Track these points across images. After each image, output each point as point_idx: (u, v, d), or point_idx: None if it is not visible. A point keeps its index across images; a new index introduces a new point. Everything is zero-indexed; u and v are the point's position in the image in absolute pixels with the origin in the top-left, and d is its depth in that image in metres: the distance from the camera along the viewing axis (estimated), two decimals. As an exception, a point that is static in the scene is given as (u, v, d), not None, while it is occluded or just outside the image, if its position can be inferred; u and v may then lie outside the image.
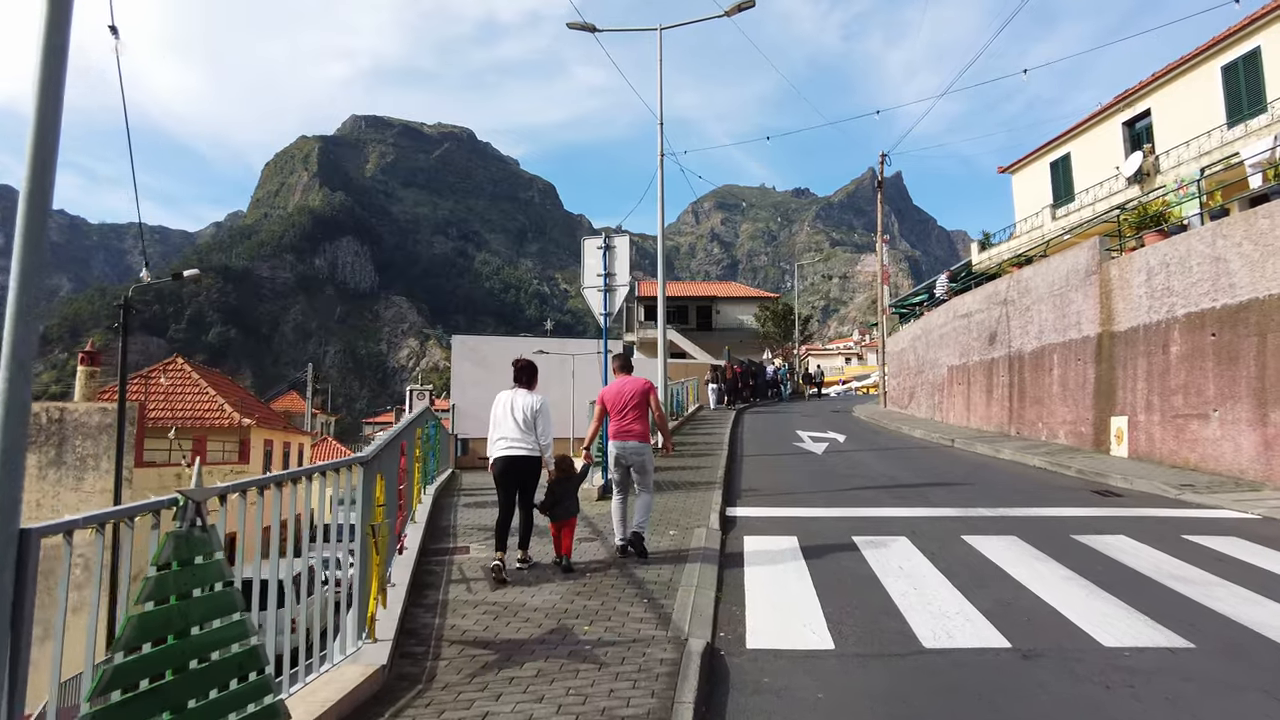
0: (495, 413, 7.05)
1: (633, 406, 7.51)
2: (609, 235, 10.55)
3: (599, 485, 10.15)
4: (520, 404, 6.97)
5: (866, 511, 9.68)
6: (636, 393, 7.57)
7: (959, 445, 17.30)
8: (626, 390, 7.59)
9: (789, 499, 10.71)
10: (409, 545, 7.08)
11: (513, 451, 6.83)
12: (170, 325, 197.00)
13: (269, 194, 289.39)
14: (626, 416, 7.48)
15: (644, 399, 7.57)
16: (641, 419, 7.52)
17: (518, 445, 6.83)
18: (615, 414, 7.56)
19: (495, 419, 7.02)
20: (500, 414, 6.99)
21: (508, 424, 6.91)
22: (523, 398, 7.03)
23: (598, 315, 10.61)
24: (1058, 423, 16.28)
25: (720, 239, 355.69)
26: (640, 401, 7.54)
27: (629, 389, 7.59)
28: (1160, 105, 22.70)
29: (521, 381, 7.21)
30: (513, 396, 7.06)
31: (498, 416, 7.01)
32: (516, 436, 6.85)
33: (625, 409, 7.51)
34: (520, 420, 6.88)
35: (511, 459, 6.83)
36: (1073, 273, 15.99)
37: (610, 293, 10.48)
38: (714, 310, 54.49)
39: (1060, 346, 16.34)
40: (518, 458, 6.83)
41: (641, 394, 7.59)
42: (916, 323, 26.69)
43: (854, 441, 18.64)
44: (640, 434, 7.48)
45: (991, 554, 7.37)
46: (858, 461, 15.04)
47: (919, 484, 12.01)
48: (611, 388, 7.79)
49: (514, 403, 6.99)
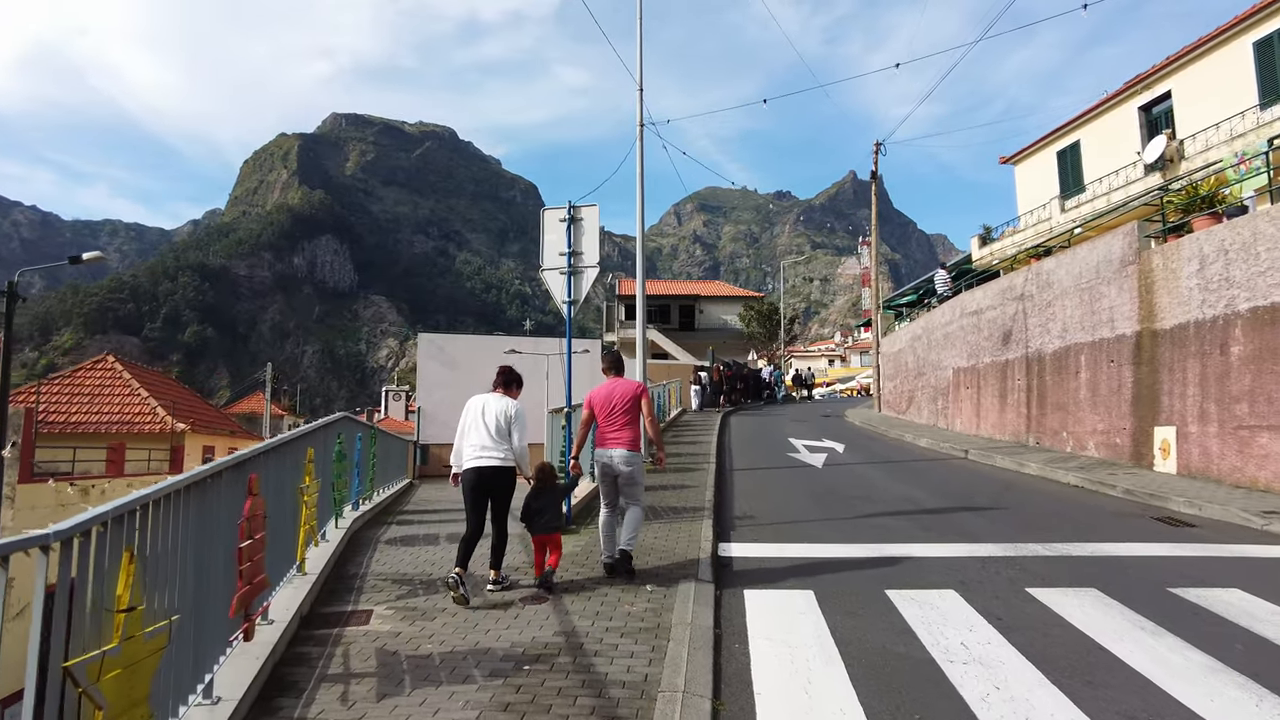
0: (465, 419, 6.42)
1: (622, 411, 6.80)
2: (574, 207, 8.55)
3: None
4: (494, 409, 6.37)
5: (892, 549, 7.75)
6: (627, 396, 6.85)
7: (974, 457, 15.44)
8: (616, 393, 6.87)
9: (794, 530, 8.75)
10: (280, 615, 5.06)
11: (483, 461, 6.20)
12: (145, 324, 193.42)
13: (248, 192, 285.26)
14: (615, 422, 6.80)
15: (635, 404, 6.86)
16: (632, 425, 6.83)
17: (488, 455, 6.21)
18: (603, 419, 6.87)
19: (464, 426, 6.39)
20: (470, 420, 6.38)
21: (478, 431, 6.29)
22: (496, 402, 6.45)
23: (559, 302, 8.59)
24: (1086, 432, 14.45)
25: (702, 241, 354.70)
26: (631, 406, 6.84)
27: (619, 392, 6.88)
28: (1183, 87, 20.99)
29: (499, 385, 6.65)
30: (485, 401, 6.47)
31: (467, 423, 6.38)
32: (488, 444, 6.23)
33: (614, 414, 6.81)
34: (492, 427, 6.27)
35: (481, 470, 6.21)
36: (1104, 263, 14.17)
37: (576, 275, 8.47)
38: (697, 310, 52.59)
39: (1089, 346, 14.52)
40: (488, 468, 6.21)
41: (633, 398, 6.86)
42: (916, 321, 24.86)
43: (855, 452, 16.74)
44: (630, 442, 6.76)
45: (1079, 620, 5.47)
46: (864, 478, 13.14)
47: (944, 508, 10.09)
48: (600, 390, 7.03)
49: (486, 407, 6.40)
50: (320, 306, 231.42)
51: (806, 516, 9.57)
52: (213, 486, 3.90)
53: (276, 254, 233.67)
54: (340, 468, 8.09)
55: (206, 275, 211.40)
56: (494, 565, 6.42)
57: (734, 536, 8.38)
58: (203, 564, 3.73)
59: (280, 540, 5.48)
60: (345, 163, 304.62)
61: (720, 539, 8.12)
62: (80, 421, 20.63)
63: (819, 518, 9.48)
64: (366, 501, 10.85)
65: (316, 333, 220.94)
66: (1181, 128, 20.75)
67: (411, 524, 9.89)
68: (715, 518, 9.00)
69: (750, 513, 9.79)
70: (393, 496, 13.84)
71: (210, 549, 3.86)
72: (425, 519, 10.54)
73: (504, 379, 6.70)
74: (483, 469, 6.22)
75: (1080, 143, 25.07)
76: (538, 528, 6.51)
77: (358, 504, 9.69)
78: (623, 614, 5.54)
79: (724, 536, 8.29)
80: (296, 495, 5.92)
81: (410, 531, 9.18)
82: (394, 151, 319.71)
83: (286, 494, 5.68)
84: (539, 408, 27.87)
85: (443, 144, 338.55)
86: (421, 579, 6.59)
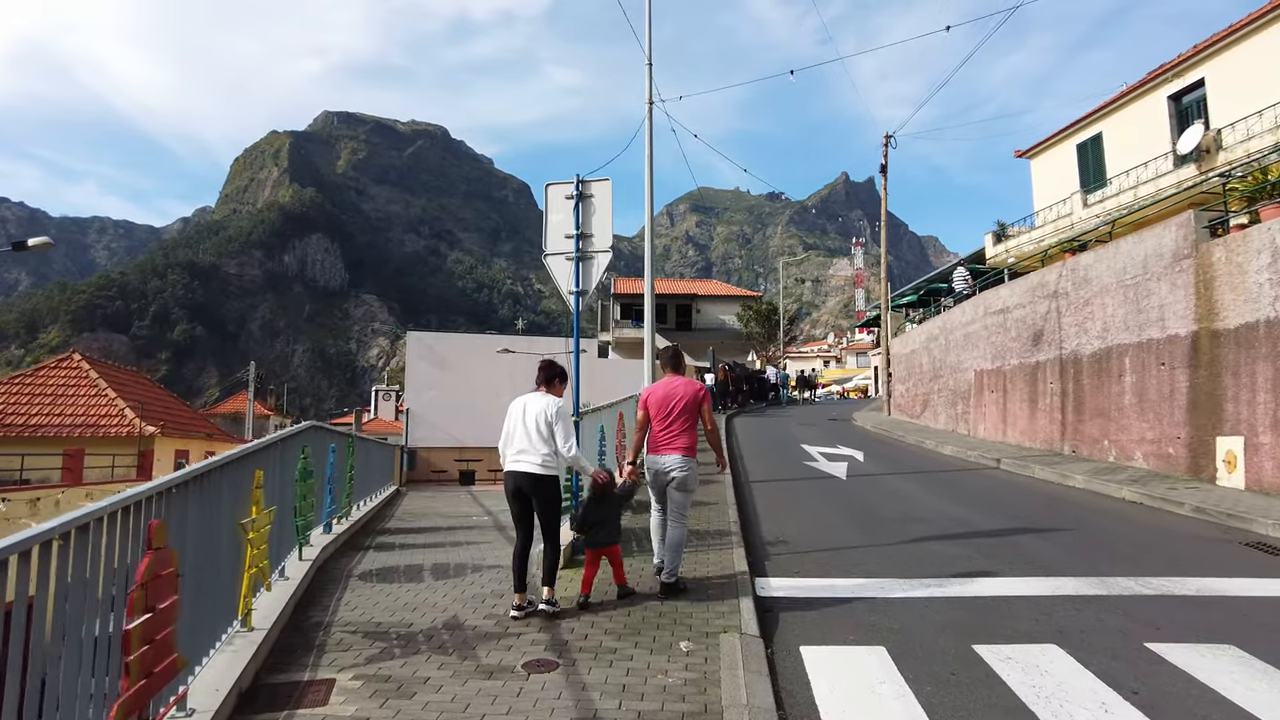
0: (507, 422, 5.94)
1: (680, 414, 6.22)
2: (583, 182, 7.31)
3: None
4: (534, 409, 5.84)
5: (961, 585, 6.54)
6: (688, 398, 6.25)
7: (1007, 467, 14.27)
8: (676, 393, 6.27)
9: (838, 560, 7.53)
10: (207, 698, 3.79)
11: (520, 465, 5.73)
12: (134, 322, 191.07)
13: (238, 189, 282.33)
14: (673, 426, 6.22)
15: (695, 406, 6.27)
16: (690, 431, 6.26)
17: (524, 459, 5.72)
18: (658, 421, 6.28)
19: (507, 429, 5.91)
20: (512, 423, 5.90)
21: (518, 433, 5.80)
22: (537, 401, 5.90)
23: (565, 293, 7.34)
24: (1132, 441, 13.28)
25: (695, 241, 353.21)
26: (691, 408, 6.24)
27: (679, 392, 6.28)
28: (1218, 74, 19.83)
29: (540, 383, 6.07)
30: (525, 402, 5.96)
31: (510, 426, 5.91)
32: (525, 448, 5.74)
33: (672, 416, 6.21)
34: (532, 429, 5.76)
35: (516, 475, 5.74)
36: (1153, 257, 13.01)
37: (585, 261, 7.22)
38: (694, 309, 51.32)
39: (1135, 348, 13.35)
40: (522, 474, 5.71)
41: (694, 399, 6.27)
42: (932, 321, 23.68)
43: (877, 461, 15.54)
44: (686, 448, 6.21)
45: (1239, 696, 4.27)
46: (897, 492, 11.92)
47: (1000, 530, 8.89)
48: (658, 388, 6.41)
49: (526, 408, 5.89)
50: (311, 305, 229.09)
51: (847, 541, 8.34)
52: (83, 545, 2.65)
53: (267, 252, 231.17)
54: (305, 488, 6.82)
55: (196, 273, 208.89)
56: (546, 582, 5.77)
57: (770, 567, 7.14)
58: (65, 659, 2.48)
59: (210, 594, 4.21)
60: (337, 161, 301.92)
61: (756, 570, 6.89)
62: (40, 424, 19.24)
63: (861, 543, 8.26)
64: (343, 520, 9.59)
65: (307, 332, 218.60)
66: (1216, 117, 19.60)
67: (392, 549, 8.59)
68: (745, 543, 7.77)
69: (782, 536, 8.56)
70: (374, 510, 12.58)
71: (74, 637, 2.61)
72: (409, 541, 9.27)
73: (544, 375, 6.08)
74: (517, 474, 5.71)
75: (1103, 135, 23.90)
76: (594, 540, 5.99)
77: (330, 526, 8.42)
78: (656, 688, 4.29)
79: (759, 568, 7.06)
80: (239, 532, 4.65)
81: (390, 560, 7.89)
82: (386, 150, 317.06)
83: (222, 534, 4.40)
84: (534, 410, 26.54)
85: (435, 143, 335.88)
86: (399, 632, 5.32)
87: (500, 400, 18.12)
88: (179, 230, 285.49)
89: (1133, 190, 21.19)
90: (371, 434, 58.61)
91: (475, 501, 15.64)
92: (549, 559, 5.80)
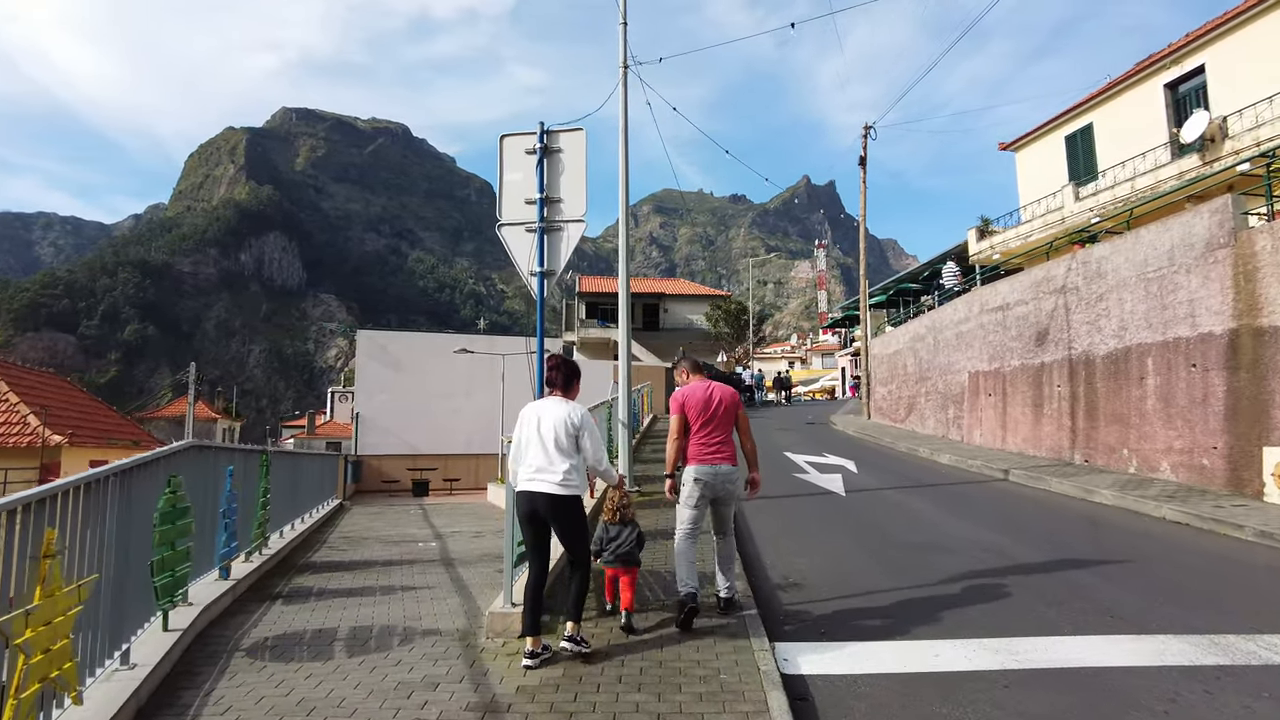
0: (520, 433, 5.00)
1: (722, 421, 5.70)
2: (549, 132, 5.71)
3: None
4: (551, 418, 4.91)
5: (1044, 653, 5.05)
6: (728, 402, 5.75)
7: (1019, 479, 12.92)
8: (716, 397, 5.72)
9: (870, 612, 6.00)
10: None
11: (535, 485, 4.79)
12: (81, 321, 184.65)
13: (192, 186, 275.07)
14: (716, 433, 5.66)
15: (734, 412, 5.79)
16: (731, 439, 5.75)
17: (541, 478, 4.79)
18: (703, 426, 5.68)
19: (520, 442, 4.97)
20: (526, 434, 4.95)
21: (533, 448, 4.88)
22: (554, 409, 4.96)
23: (526, 273, 5.71)
24: (1157, 450, 11.99)
25: (659, 242, 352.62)
26: (731, 414, 5.75)
27: (717, 396, 5.73)
28: (1219, 60, 18.78)
29: (556, 386, 5.13)
30: (539, 410, 5.00)
31: (522, 439, 4.97)
32: (543, 465, 4.82)
33: (714, 423, 5.67)
34: (550, 442, 4.84)
35: (533, 496, 4.79)
36: (1181, 248, 11.73)
37: (551, 233, 5.62)
38: (661, 308, 49.82)
39: (1159, 347, 12.07)
40: (543, 495, 4.77)
41: (734, 404, 5.80)
42: (918, 320, 22.39)
43: (871, 471, 14.12)
44: (733, 456, 5.70)
45: None
46: (908, 510, 10.47)
47: (1046, 564, 7.44)
48: (695, 392, 5.76)
49: (542, 418, 4.94)
50: (268, 305, 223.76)
51: (871, 582, 6.82)
52: None
53: (222, 250, 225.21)
54: (175, 532, 5.10)
55: (148, 272, 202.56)
56: (572, 616, 4.82)
57: (790, 630, 5.58)
58: None
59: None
60: (295, 158, 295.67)
61: (775, 632, 5.34)
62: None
63: (889, 584, 6.74)
64: (254, 556, 7.87)
65: (263, 332, 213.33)
66: (1217, 106, 18.55)
67: (307, 599, 6.82)
68: (752, 590, 6.23)
69: (792, 576, 7.02)
70: (305, 533, 10.85)
71: None
72: (331, 584, 7.51)
73: (561, 376, 5.13)
74: (534, 495, 4.80)
75: (1093, 125, 22.84)
76: (607, 559, 5.40)
77: (227, 571, 6.65)
78: None
79: (777, 629, 5.51)
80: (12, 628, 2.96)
81: (297, 620, 6.09)
82: (345, 147, 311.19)
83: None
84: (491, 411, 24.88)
85: (396, 141, 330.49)
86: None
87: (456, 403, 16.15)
88: (130, 227, 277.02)
89: (1129, 182, 20.10)
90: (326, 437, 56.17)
91: (425, 520, 13.92)
92: (578, 589, 4.84)
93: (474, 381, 24.50)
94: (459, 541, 10.69)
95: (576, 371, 5.24)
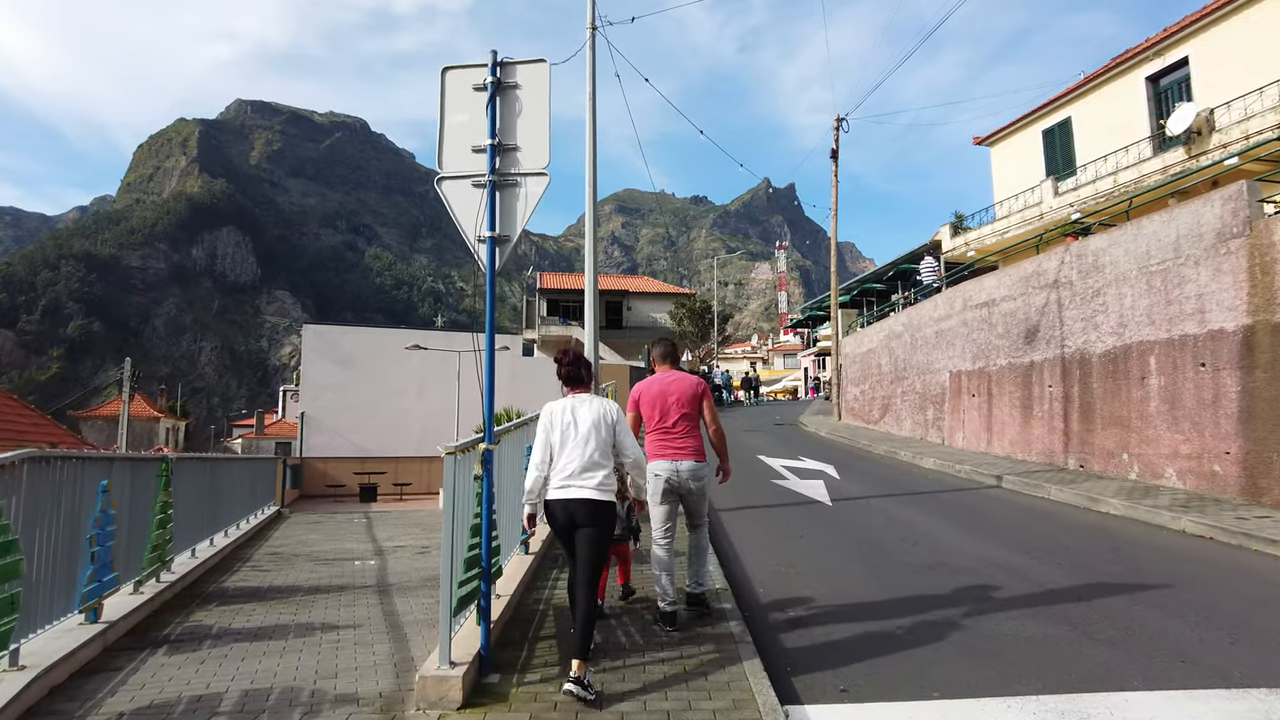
0: (551, 436, 4.39)
1: (682, 415, 5.23)
2: (504, 65, 4.57)
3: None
4: (590, 414, 4.41)
5: (1113, 713, 4.05)
6: (686, 395, 5.26)
7: (1013, 485, 12.03)
8: (672, 390, 5.27)
9: (892, 657, 4.94)
10: None
11: (575, 492, 4.24)
12: (21, 316, 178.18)
13: (142, 178, 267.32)
14: (676, 427, 5.23)
15: (697, 403, 5.30)
16: (694, 431, 5.28)
17: (583, 482, 4.25)
18: (656, 422, 5.26)
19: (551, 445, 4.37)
20: (562, 434, 4.36)
21: (571, 449, 4.33)
22: (592, 405, 4.47)
23: (472, 240, 4.54)
24: (1161, 455, 11.17)
25: (621, 242, 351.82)
26: (692, 407, 5.27)
27: (675, 389, 5.26)
28: (1204, 52, 18.19)
29: (576, 384, 4.58)
30: (574, 406, 4.46)
31: (557, 439, 4.36)
32: (584, 468, 4.28)
33: (672, 417, 5.22)
34: (594, 443, 4.33)
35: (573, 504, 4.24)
36: (1189, 238, 10.92)
37: (505, 189, 4.50)
38: (625, 306, 48.69)
39: (1164, 345, 11.26)
40: (584, 501, 4.23)
41: (693, 397, 5.28)
42: (894, 317, 21.55)
43: (854, 477, 13.16)
44: (696, 450, 5.25)
45: None
46: (904, 523, 9.46)
47: (1077, 588, 6.46)
48: (650, 386, 5.36)
49: (578, 415, 4.41)
50: (220, 301, 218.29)
51: (883, 613, 5.78)
52: None
53: (173, 244, 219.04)
54: None
55: (94, 265, 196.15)
56: (579, 652, 4.07)
57: (801, 682, 4.50)
58: None
59: None
60: (250, 151, 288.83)
61: (782, 689, 4.25)
62: None
63: (905, 615, 5.70)
64: (154, 581, 6.61)
65: (215, 328, 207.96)
66: (1201, 99, 17.95)
67: (200, 643, 5.46)
68: (747, 625, 5.16)
69: (793, 609, 5.95)
70: (227, 549, 9.56)
71: None
72: (235, 623, 6.17)
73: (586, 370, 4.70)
74: (572, 502, 4.28)
75: (1072, 120, 22.22)
76: None
77: (95, 614, 5.29)
78: None
79: (783, 681, 4.42)
80: None
81: (176, 679, 4.68)
82: (302, 141, 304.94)
83: None
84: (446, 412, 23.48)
85: (353, 135, 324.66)
86: None
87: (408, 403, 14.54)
88: (76, 219, 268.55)
89: (1111, 176, 19.46)
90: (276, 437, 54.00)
91: (368, 532, 12.64)
92: (587, 612, 4.15)
93: (428, 381, 23.14)
94: (401, 559, 9.46)
95: (587, 364, 4.76)
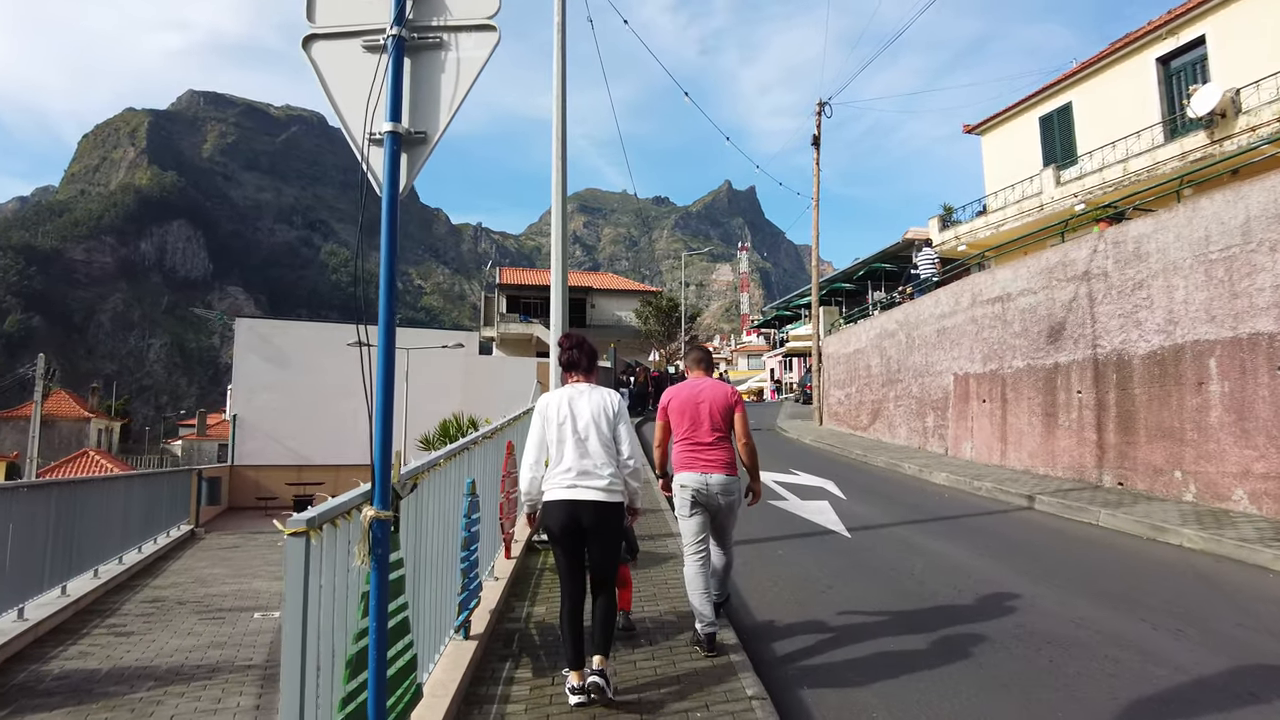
0: (546, 431, 3.95)
1: (714, 425, 4.70)
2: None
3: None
4: (590, 406, 3.93)
5: None
6: (719, 404, 4.74)
7: (1047, 508, 10.32)
8: (705, 397, 4.78)
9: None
10: None
11: (579, 493, 3.77)
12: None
13: (87, 169, 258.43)
14: (706, 437, 4.71)
15: (729, 414, 4.76)
16: (725, 442, 4.74)
17: (588, 482, 3.79)
18: (686, 432, 4.75)
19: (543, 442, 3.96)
20: (561, 429, 3.90)
21: (570, 445, 3.86)
22: (592, 397, 3.97)
23: (361, 138, 2.49)
24: (1226, 474, 9.53)
25: (583, 242, 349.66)
26: (724, 417, 4.74)
27: (707, 396, 4.77)
28: (1223, 29, 16.75)
29: (579, 372, 4.09)
30: (571, 397, 3.97)
31: (553, 436, 3.92)
32: (587, 467, 3.82)
33: (702, 426, 4.72)
34: (595, 437, 3.87)
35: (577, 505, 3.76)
36: (1263, 219, 9.30)
37: (421, 52, 2.57)
38: (589, 304, 46.72)
39: (1227, 345, 9.62)
40: (590, 503, 3.77)
41: (726, 407, 4.76)
42: (887, 314, 19.85)
43: (861, 496, 11.36)
44: (729, 464, 4.73)
45: None
46: (949, 563, 7.63)
47: (1226, 674, 4.69)
48: (679, 394, 4.86)
49: (576, 408, 3.92)
50: (170, 296, 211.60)
51: (966, 710, 3.93)
52: None
53: (120, 238, 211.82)
54: None
55: (34, 258, 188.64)
56: (600, 649, 3.69)
57: None
58: None
59: None
60: (202, 144, 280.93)
61: None
62: None
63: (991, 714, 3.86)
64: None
65: (165, 325, 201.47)
66: (1218, 80, 16.52)
67: None
68: None
69: (844, 705, 4.08)
70: (94, 595, 7.46)
71: None
72: None
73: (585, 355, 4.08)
74: (576, 504, 3.72)
75: (1072, 105, 20.75)
76: None
77: None
78: None
79: None
80: None
81: None
82: (257, 134, 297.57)
83: None
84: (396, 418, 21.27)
85: (310, 129, 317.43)
86: None
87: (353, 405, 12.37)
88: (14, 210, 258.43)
89: (1121, 164, 17.96)
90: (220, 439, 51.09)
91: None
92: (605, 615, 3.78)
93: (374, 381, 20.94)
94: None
95: (592, 351, 4.14)
